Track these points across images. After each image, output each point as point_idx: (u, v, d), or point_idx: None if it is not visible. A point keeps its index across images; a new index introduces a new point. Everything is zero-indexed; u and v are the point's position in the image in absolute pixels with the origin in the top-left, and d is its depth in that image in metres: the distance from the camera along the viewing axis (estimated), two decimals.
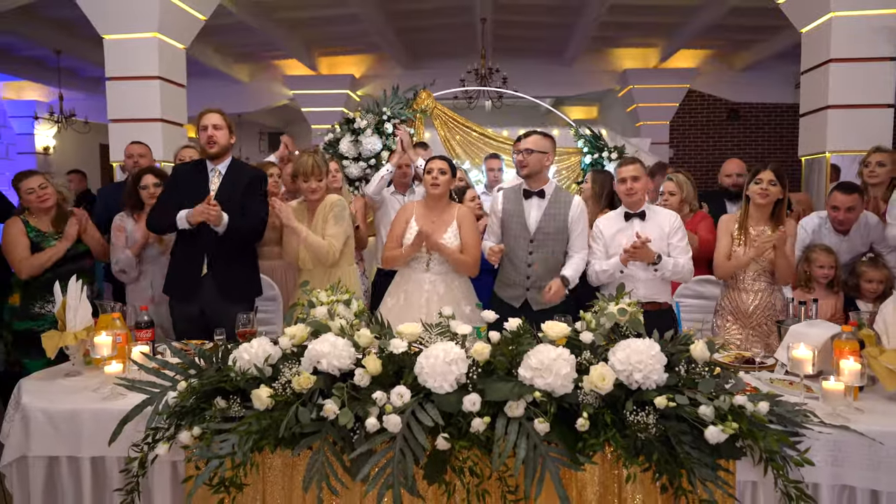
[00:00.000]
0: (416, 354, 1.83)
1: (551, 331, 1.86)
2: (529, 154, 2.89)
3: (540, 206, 2.94)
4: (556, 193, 2.98)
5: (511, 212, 3.01)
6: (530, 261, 2.96)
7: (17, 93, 10.01)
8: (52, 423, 1.93)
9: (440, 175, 2.98)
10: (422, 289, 2.97)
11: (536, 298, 2.96)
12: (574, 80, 9.96)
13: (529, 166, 2.90)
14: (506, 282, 3.07)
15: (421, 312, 2.85)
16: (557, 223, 2.93)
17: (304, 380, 1.77)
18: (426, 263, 3.01)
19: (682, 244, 2.96)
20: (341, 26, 7.94)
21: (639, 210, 3.00)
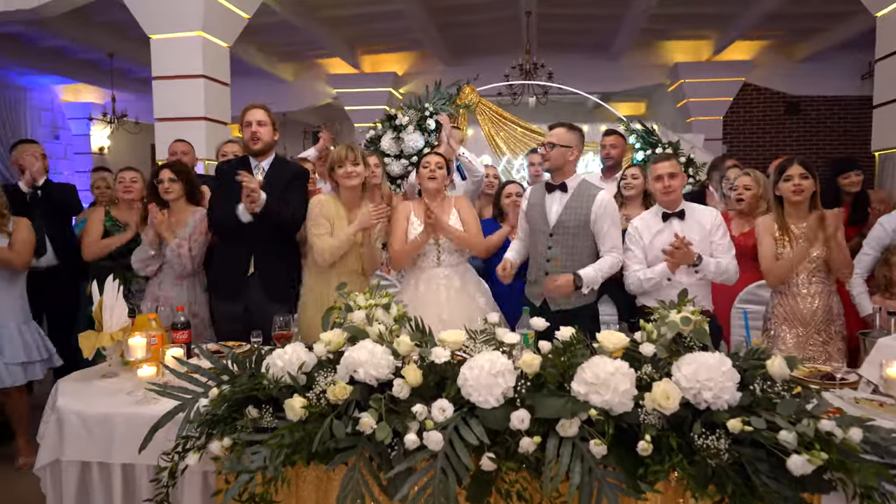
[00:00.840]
0: (460, 364, 1.70)
1: (607, 341, 1.69)
2: (552, 148, 2.78)
3: (561, 199, 2.81)
4: (580, 188, 2.82)
5: (534, 205, 2.91)
6: (549, 255, 2.83)
7: (74, 95, 10.37)
8: (85, 426, 1.88)
9: (437, 169, 2.91)
10: (438, 285, 2.87)
11: (555, 298, 2.82)
12: (621, 75, 9.64)
13: (551, 160, 2.79)
14: (529, 279, 2.96)
15: (441, 310, 2.74)
16: (579, 218, 2.77)
17: (340, 390, 1.65)
18: (436, 258, 2.91)
19: (724, 242, 2.77)
20: (384, 23, 7.88)
21: (677, 209, 2.81)
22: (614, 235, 2.78)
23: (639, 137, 4.42)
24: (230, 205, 2.86)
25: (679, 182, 2.77)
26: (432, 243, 2.89)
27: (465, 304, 2.85)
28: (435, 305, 2.80)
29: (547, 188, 2.87)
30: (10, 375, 3.00)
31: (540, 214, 2.85)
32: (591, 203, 2.76)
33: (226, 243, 3.00)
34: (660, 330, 1.80)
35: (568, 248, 2.80)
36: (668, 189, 2.76)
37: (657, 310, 1.88)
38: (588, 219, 2.76)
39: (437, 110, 4.36)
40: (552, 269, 2.81)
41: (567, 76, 7.76)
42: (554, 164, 2.79)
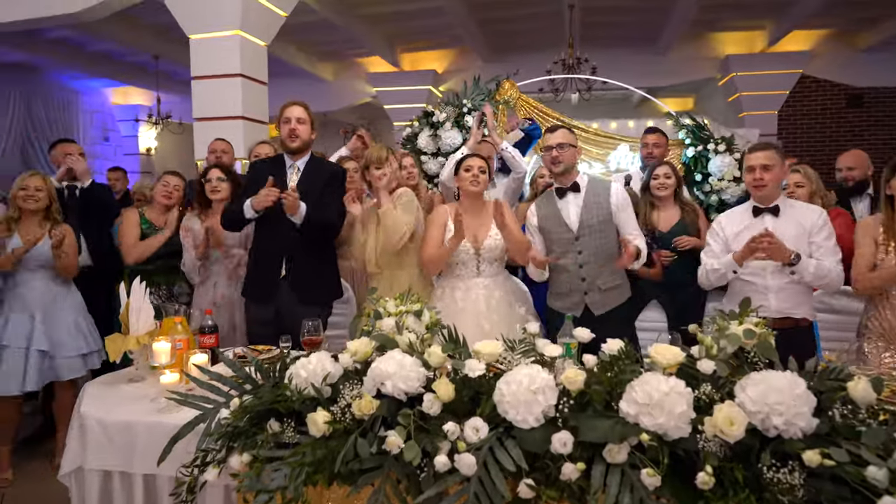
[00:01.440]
0: (497, 377, 1.55)
1: (661, 356, 1.52)
2: (563, 149, 2.68)
3: (577, 200, 2.73)
4: (591, 184, 2.77)
5: (547, 216, 2.78)
6: (581, 261, 2.69)
7: (123, 97, 10.66)
8: (106, 434, 1.83)
9: (480, 174, 2.75)
10: (477, 295, 2.73)
11: (598, 300, 2.69)
12: (669, 69, 9.26)
13: (565, 161, 2.70)
14: (560, 291, 2.79)
15: (480, 321, 2.60)
16: (600, 212, 2.70)
17: (366, 404, 1.54)
18: (476, 267, 2.77)
19: (828, 244, 2.49)
20: (424, 20, 7.79)
21: (771, 204, 2.57)
22: (634, 221, 2.80)
23: (689, 133, 4.17)
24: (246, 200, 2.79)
25: (773, 175, 2.51)
26: (472, 253, 2.75)
27: (507, 313, 2.70)
28: (474, 315, 2.67)
29: (558, 194, 2.77)
30: (70, 368, 3.03)
31: (557, 222, 2.74)
32: (607, 196, 2.72)
33: (259, 245, 2.93)
34: (719, 343, 1.62)
35: (595, 246, 2.70)
36: (759, 182, 2.52)
37: (716, 319, 1.70)
38: (610, 212, 2.71)
39: (475, 107, 4.21)
40: (587, 274, 2.69)
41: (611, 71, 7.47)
42: (567, 164, 2.71)
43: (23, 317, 2.93)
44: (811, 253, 2.47)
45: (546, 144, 2.75)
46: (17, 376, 2.87)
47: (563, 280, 2.76)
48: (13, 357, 2.88)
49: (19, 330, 2.90)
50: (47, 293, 2.99)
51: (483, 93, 4.36)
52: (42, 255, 2.95)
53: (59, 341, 2.98)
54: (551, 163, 2.72)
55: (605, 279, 2.70)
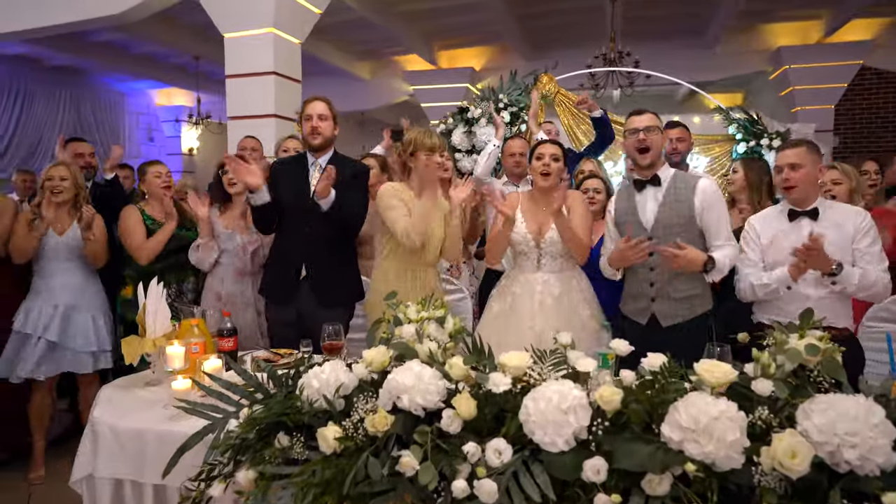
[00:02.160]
0: (524, 392, 1.41)
1: (709, 373, 1.34)
2: (651, 133, 2.38)
3: (656, 195, 2.44)
4: (675, 178, 2.45)
5: (623, 210, 2.52)
6: (652, 263, 2.43)
7: (167, 99, 10.90)
8: (118, 441, 1.76)
9: (553, 162, 2.56)
10: (533, 290, 2.56)
11: (666, 309, 2.44)
12: (716, 64, 8.87)
13: (654, 147, 2.39)
14: (629, 293, 2.57)
15: (533, 320, 2.45)
16: (681, 211, 2.39)
17: (380, 420, 1.41)
18: (536, 260, 2.60)
19: (873, 250, 2.27)
20: (461, 16, 7.66)
21: (808, 207, 2.35)
22: (726, 228, 2.38)
23: (740, 127, 3.91)
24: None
25: (804, 175, 2.30)
26: (532, 245, 2.59)
27: (562, 315, 2.52)
28: (527, 314, 2.52)
29: (636, 186, 2.49)
30: (78, 363, 3.01)
31: (632, 219, 2.47)
32: (691, 193, 2.38)
33: (279, 245, 2.85)
34: (776, 360, 1.43)
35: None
36: (786, 183, 2.32)
37: (771, 332, 1.51)
38: (692, 212, 2.37)
39: (511, 102, 4.05)
40: (657, 279, 2.43)
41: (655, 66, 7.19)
42: (657, 151, 2.40)
43: (46, 307, 2.94)
44: (854, 261, 2.26)
45: (630, 127, 2.42)
46: (36, 362, 2.89)
47: (633, 281, 2.53)
48: (34, 344, 2.91)
49: (40, 319, 2.92)
50: (72, 285, 3.00)
51: (520, 88, 4.20)
52: (71, 244, 2.97)
53: (72, 334, 2.98)
54: (637, 149, 2.40)
55: (678, 287, 2.41)
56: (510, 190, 3.49)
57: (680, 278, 2.40)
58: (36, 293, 3.00)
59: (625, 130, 2.45)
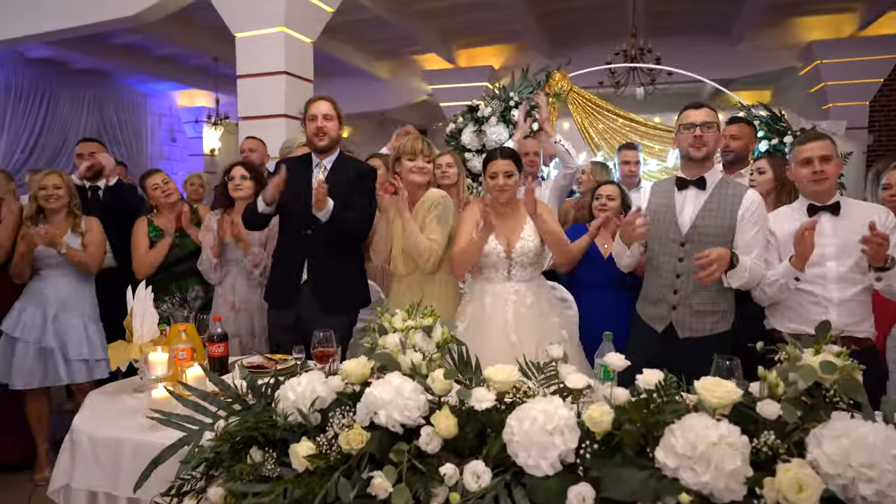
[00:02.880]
0: (511, 409, 1.31)
1: (709, 392, 1.23)
2: (709, 129, 2.22)
3: (698, 198, 2.27)
4: (721, 184, 2.28)
5: (659, 206, 2.36)
6: (679, 270, 2.29)
7: (189, 100, 11.00)
8: (94, 451, 1.70)
9: (507, 179, 2.45)
10: (506, 301, 2.46)
11: (685, 321, 2.30)
12: (742, 60, 8.59)
13: (710, 144, 2.23)
14: (649, 297, 2.42)
15: (509, 331, 2.34)
16: (722, 220, 2.23)
17: (355, 436, 1.33)
18: (506, 271, 2.50)
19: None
20: (479, 14, 7.55)
21: (830, 201, 2.22)
22: (761, 243, 2.24)
23: (763, 124, 3.73)
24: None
25: (834, 168, 2.18)
26: (503, 256, 2.49)
27: (538, 324, 2.43)
28: (502, 325, 2.42)
29: (678, 184, 2.32)
30: (72, 372, 2.98)
31: (668, 218, 2.32)
32: (736, 203, 2.22)
33: (281, 247, 2.79)
34: (787, 377, 1.31)
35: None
36: (819, 176, 2.17)
37: (783, 347, 1.39)
38: (734, 221, 2.22)
39: (523, 99, 3.93)
40: (682, 287, 2.28)
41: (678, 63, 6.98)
42: (711, 150, 2.25)
43: (36, 312, 2.92)
44: None
45: (687, 122, 2.24)
46: (29, 370, 2.87)
47: (654, 284, 2.38)
48: (24, 351, 2.89)
49: (33, 324, 2.90)
50: (63, 291, 2.98)
51: (531, 85, 4.08)
52: None
53: (65, 343, 2.95)
54: (692, 145, 2.23)
55: (702, 299, 2.26)
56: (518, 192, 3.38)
57: (705, 292, 2.25)
58: (29, 295, 2.97)
59: (678, 125, 2.28)
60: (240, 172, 2.99)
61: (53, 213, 3.00)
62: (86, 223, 3.08)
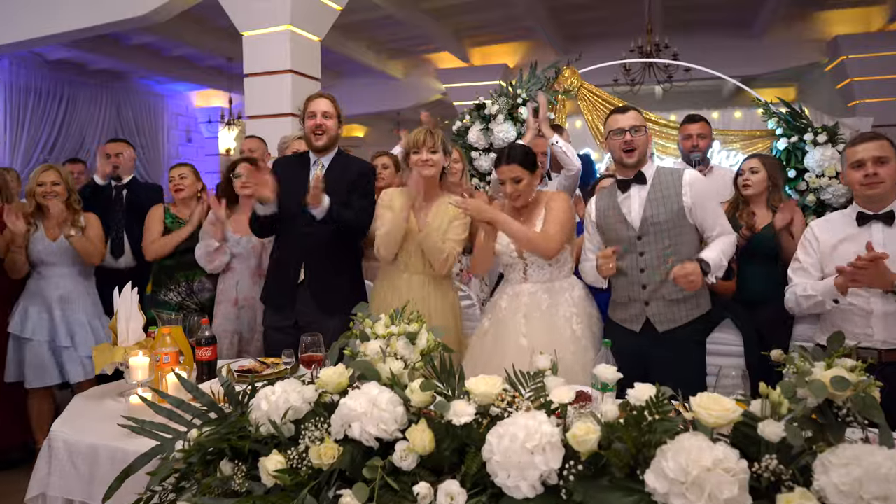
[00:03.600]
0: (495, 422, 1.22)
1: (706, 411, 1.12)
2: (638, 133, 2.24)
3: (641, 192, 2.28)
4: (659, 174, 2.30)
5: (606, 209, 2.35)
6: (643, 264, 2.25)
7: (205, 100, 11.07)
8: (71, 458, 1.66)
9: (515, 185, 2.34)
10: (519, 303, 2.36)
11: (661, 313, 2.25)
12: (764, 55, 8.36)
13: (639, 148, 2.25)
14: (619, 300, 2.37)
15: (520, 336, 2.25)
16: (669, 207, 2.22)
17: (327, 451, 1.25)
18: (522, 271, 2.41)
19: None
20: (491, 12, 7.46)
21: (884, 209, 2.06)
22: (721, 216, 2.27)
23: (780, 121, 3.58)
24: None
25: (890, 171, 2.03)
26: (516, 256, 2.40)
27: (552, 329, 2.32)
28: (514, 329, 2.32)
29: (620, 187, 2.33)
30: (77, 371, 2.97)
31: (618, 218, 2.31)
32: (678, 186, 2.24)
33: (278, 248, 2.73)
34: (795, 394, 1.20)
35: (662, 248, 2.23)
36: (872, 180, 2.03)
37: (790, 359, 1.28)
38: (681, 205, 2.22)
39: (530, 97, 3.82)
40: (649, 280, 2.24)
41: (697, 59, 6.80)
42: (642, 152, 2.27)
43: (41, 311, 2.91)
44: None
45: (615, 127, 2.27)
46: (46, 369, 2.86)
47: (622, 286, 2.34)
48: (37, 350, 2.88)
49: (40, 323, 2.89)
50: (65, 289, 2.97)
51: (540, 82, 3.97)
52: (64, 249, 2.94)
53: (69, 339, 2.95)
54: (623, 150, 2.25)
55: (671, 288, 2.22)
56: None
57: (672, 283, 2.20)
58: (31, 295, 2.97)
59: (608, 130, 2.30)
60: (247, 170, 2.95)
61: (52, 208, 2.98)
62: (84, 218, 3.06)
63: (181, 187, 3.16)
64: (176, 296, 3.02)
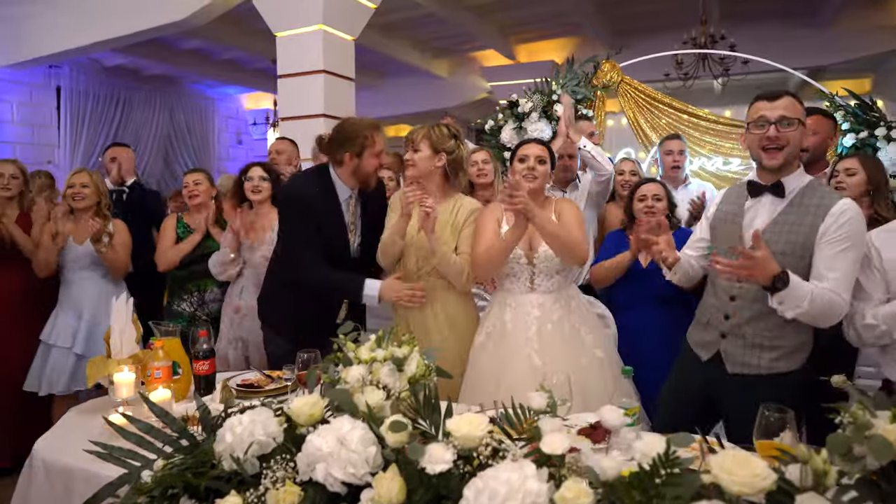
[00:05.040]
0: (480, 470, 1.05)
1: (728, 475, 0.91)
2: (788, 126, 1.75)
3: (774, 207, 1.84)
4: (805, 191, 1.81)
5: (725, 215, 1.96)
6: (736, 292, 1.88)
7: (255, 103, 11.26)
8: (48, 477, 1.58)
9: (538, 165, 2.19)
10: (528, 315, 2.15)
11: (734, 355, 1.89)
12: (833, 45, 7.72)
13: (791, 144, 1.77)
14: (700, 318, 2.05)
15: (532, 353, 2.05)
16: (797, 237, 1.77)
17: (286, 496, 1.11)
18: (529, 280, 2.19)
19: None
20: (535, 8, 7.19)
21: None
22: (846, 268, 1.71)
23: (848, 115, 3.22)
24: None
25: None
26: (525, 262, 2.20)
27: (567, 345, 2.13)
28: (524, 343, 2.13)
29: (751, 190, 1.90)
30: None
31: (732, 228, 1.92)
32: (820, 215, 1.74)
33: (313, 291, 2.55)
34: (849, 451, 0.97)
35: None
36: None
37: (845, 407, 1.04)
38: (811, 240, 1.75)
39: (567, 93, 3.59)
40: (735, 312, 1.88)
41: (757, 51, 6.33)
42: (791, 152, 1.78)
43: (71, 316, 2.92)
44: None
45: (758, 116, 1.80)
46: (59, 376, 2.86)
47: (708, 304, 2.00)
48: (58, 357, 2.88)
49: (67, 329, 2.89)
50: (95, 294, 2.97)
51: (577, 77, 3.73)
52: (92, 253, 2.93)
53: (97, 346, 2.91)
54: (763, 147, 1.78)
55: (758, 329, 1.84)
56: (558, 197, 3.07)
57: (766, 319, 1.81)
58: (60, 304, 3.00)
59: (748, 121, 1.86)
60: (258, 174, 2.88)
61: (83, 211, 3.00)
62: (113, 225, 3.06)
63: (196, 193, 3.11)
64: (188, 306, 2.98)
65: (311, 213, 2.30)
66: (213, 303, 3.02)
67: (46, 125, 8.14)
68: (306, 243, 2.28)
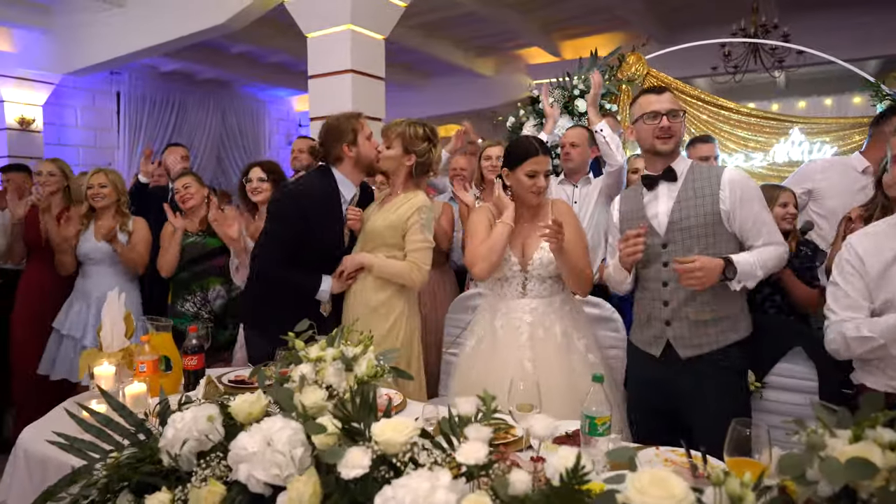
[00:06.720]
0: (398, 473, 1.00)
1: (642, 496, 0.82)
2: (675, 118, 1.95)
3: (671, 192, 1.97)
4: (693, 170, 1.98)
5: (629, 213, 2.03)
6: (665, 276, 1.91)
7: (305, 104, 11.51)
8: (28, 467, 1.63)
9: (546, 179, 2.13)
10: (520, 321, 2.07)
11: (684, 336, 1.90)
12: None
13: (677, 134, 1.97)
14: (640, 319, 2.04)
15: (521, 354, 1.98)
16: (703, 210, 1.90)
17: (208, 495, 1.09)
18: (521, 285, 2.11)
19: None
20: (578, 2, 7.03)
21: None
22: (768, 223, 1.92)
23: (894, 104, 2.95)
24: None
25: None
26: (518, 269, 2.13)
27: (560, 351, 2.04)
28: (515, 350, 2.05)
29: (646, 183, 2.00)
30: None
31: (641, 221, 1.98)
32: (715, 184, 1.91)
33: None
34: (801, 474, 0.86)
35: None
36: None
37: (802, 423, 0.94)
38: (717, 208, 1.89)
39: (588, 89, 3.46)
40: (672, 296, 1.92)
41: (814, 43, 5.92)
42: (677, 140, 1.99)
43: (82, 308, 3.03)
44: None
45: (649, 110, 1.96)
46: (66, 365, 2.98)
47: (643, 302, 2.03)
48: (68, 346, 3.01)
49: (79, 320, 3.00)
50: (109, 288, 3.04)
51: (603, 71, 3.59)
52: (109, 249, 3.03)
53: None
54: (658, 136, 1.94)
55: (698, 306, 1.90)
56: (568, 193, 2.95)
57: (702, 294, 1.88)
58: (75, 294, 3.11)
59: (638, 114, 1.99)
60: (257, 174, 2.88)
61: (102, 210, 3.11)
62: (132, 223, 3.16)
63: (189, 196, 3.10)
64: (192, 306, 3.02)
65: (308, 215, 2.30)
66: (216, 300, 3.05)
67: (107, 128, 8.60)
68: (283, 243, 2.28)
